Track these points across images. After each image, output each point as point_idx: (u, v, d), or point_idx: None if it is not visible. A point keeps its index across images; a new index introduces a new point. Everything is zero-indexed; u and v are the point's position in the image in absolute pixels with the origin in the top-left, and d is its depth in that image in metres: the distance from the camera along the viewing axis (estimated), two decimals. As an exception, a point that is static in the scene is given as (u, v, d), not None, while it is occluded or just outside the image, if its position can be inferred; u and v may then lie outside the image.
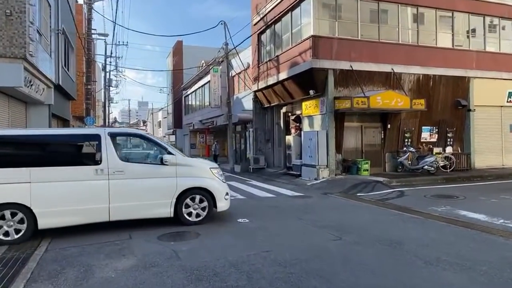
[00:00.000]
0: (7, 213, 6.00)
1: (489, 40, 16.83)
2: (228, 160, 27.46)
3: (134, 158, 7.58)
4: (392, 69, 14.62)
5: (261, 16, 18.03)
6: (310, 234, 6.47)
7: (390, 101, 13.41)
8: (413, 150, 14.84)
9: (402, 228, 6.90)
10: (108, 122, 51.67)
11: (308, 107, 15.15)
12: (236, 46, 19.48)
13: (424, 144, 15.68)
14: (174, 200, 6.97)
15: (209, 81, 27.59)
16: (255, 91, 19.59)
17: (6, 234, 6.02)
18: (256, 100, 19.78)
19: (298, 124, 16.87)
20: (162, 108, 58.58)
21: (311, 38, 13.69)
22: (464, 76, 16.01)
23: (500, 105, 16.92)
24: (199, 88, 32.40)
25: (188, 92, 37.27)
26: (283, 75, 15.92)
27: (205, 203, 7.24)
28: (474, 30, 16.73)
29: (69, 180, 6.34)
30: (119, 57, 47.25)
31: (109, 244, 6.00)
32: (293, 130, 17.23)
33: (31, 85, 12.03)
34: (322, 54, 13.70)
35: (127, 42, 72.96)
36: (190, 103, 37.65)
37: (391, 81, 14.75)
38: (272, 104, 18.47)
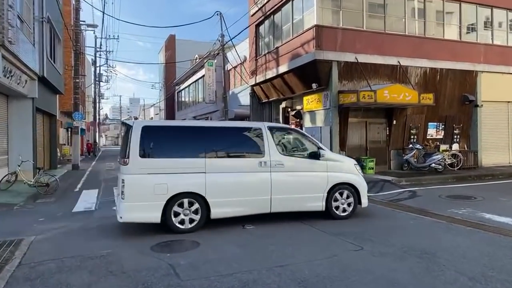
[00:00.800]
0: (186, 202, 6.15)
1: (497, 34, 16.18)
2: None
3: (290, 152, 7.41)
4: (399, 62, 13.88)
5: (259, 6, 17.16)
6: (325, 243, 5.66)
7: (397, 95, 12.66)
8: (420, 147, 14.15)
9: (428, 235, 6.12)
10: (99, 118, 50.39)
11: (310, 102, 14.35)
12: (233, 38, 18.66)
13: (430, 141, 14.98)
14: (326, 194, 7.07)
15: (203, 76, 26.67)
16: (252, 86, 18.75)
17: (182, 222, 6.16)
18: (253, 95, 18.95)
19: (298, 120, 16.07)
20: (154, 104, 57.42)
21: (314, 28, 12.88)
22: (471, 70, 15.34)
23: (508, 100, 16.31)
24: (192, 83, 31.45)
25: (181, 88, 36.28)
26: (283, 68, 15.09)
27: (351, 199, 7.25)
28: (481, 23, 16.05)
29: (237, 172, 6.49)
30: (109, 51, 45.79)
31: (94, 256, 5.13)
32: (293, 126, 16.41)
33: (11, 75, 11.04)
34: (326, 45, 12.89)
35: (117, 35, 71.26)
36: (183, 98, 36.67)
37: (397, 74, 14.01)
38: (270, 99, 17.64)
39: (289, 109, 16.83)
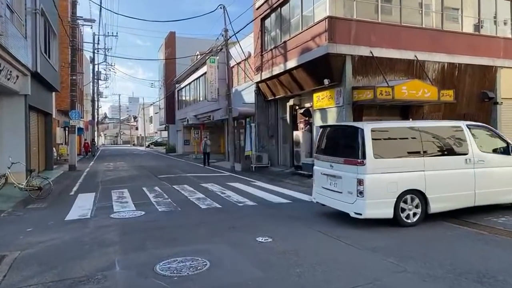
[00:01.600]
0: (409, 198, 6.53)
1: (517, 27, 15.31)
2: (225, 157, 25.80)
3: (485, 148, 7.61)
4: (415, 56, 13.01)
5: (265, -2, 16.27)
6: (360, 262, 4.80)
7: (416, 92, 11.80)
8: (438, 147, 13.28)
9: (475, 250, 5.27)
10: (98, 117, 49.51)
11: (321, 99, 13.48)
12: (237, 32, 17.79)
13: (448, 141, 14.12)
14: None
15: (205, 73, 25.78)
16: (257, 82, 17.87)
17: (407, 217, 6.53)
18: (258, 92, 18.06)
19: (307, 118, 15.21)
20: (153, 103, 56.49)
21: (326, 20, 12.00)
22: (491, 65, 14.47)
23: (528, 98, 15.43)
24: (194, 80, 30.55)
25: (182, 86, 35.38)
26: (291, 63, 14.21)
27: None
28: (501, 15, 15.18)
29: (448, 169, 6.85)
30: (108, 49, 44.86)
31: (87, 279, 4.27)
32: (301, 125, 15.57)
33: (0, 70, 10.15)
34: (339, 38, 12.02)
35: (116, 33, 70.17)
36: (183, 97, 35.77)
37: (414, 69, 13.14)
38: (277, 97, 16.76)
39: (297, 107, 15.95)
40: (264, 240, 5.77)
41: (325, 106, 13.28)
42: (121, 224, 7.02)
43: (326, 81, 12.45)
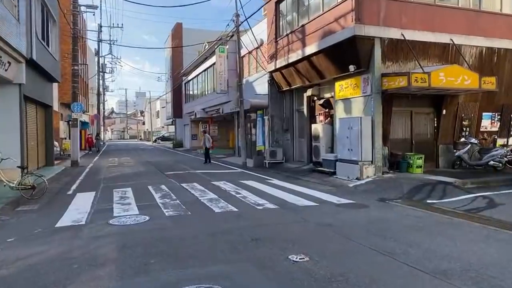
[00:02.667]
0: None
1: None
2: (234, 153, 24.58)
3: None
4: (451, 39, 11.61)
5: (281, -21, 14.93)
6: (436, 295, 3.55)
7: (455, 79, 10.45)
8: (475, 142, 11.95)
9: None
10: (104, 111, 48.56)
11: (344, 88, 12.16)
12: (250, 17, 16.47)
13: (485, 134, 12.76)
14: None
15: (213, 64, 24.51)
16: (271, 72, 16.58)
17: None
18: (272, 82, 16.77)
19: (327, 110, 13.91)
20: (160, 97, 55.41)
21: (353, -3, 10.65)
22: (533, 50, 13.01)
23: None
24: (202, 72, 29.29)
25: (189, 78, 34.15)
26: (310, 49, 12.89)
27: None
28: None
29: None
30: (113, 41, 43.69)
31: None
32: (321, 117, 14.28)
33: (-14, 54, 8.98)
34: (368, 19, 10.68)
35: (122, 24, 69.20)
36: (191, 90, 34.55)
37: (449, 54, 11.76)
38: (292, 87, 15.46)
39: (316, 98, 14.64)
40: (300, 259, 4.53)
41: (349, 96, 11.96)
42: (121, 234, 5.84)
43: (351, 68, 11.13)
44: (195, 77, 31.87)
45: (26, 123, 13.52)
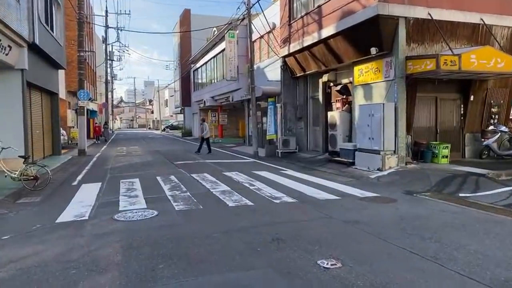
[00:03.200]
0: None
1: None
2: (244, 142, 23.96)
3: None
4: (482, 19, 10.73)
5: (295, -43, 14.06)
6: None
7: (487, 62, 9.62)
8: (505, 130, 11.15)
9: None
10: (112, 100, 48.14)
11: (364, 73, 11.39)
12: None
13: (516, 122, 11.94)
14: None
15: (223, 50, 23.79)
16: (284, 57, 15.81)
17: None
18: (285, 68, 16.02)
19: (345, 97, 13.15)
20: (168, 85, 54.82)
21: (376, -27, 9.82)
22: None
23: None
24: (210, 59, 28.56)
25: (198, 66, 33.45)
26: (327, 31, 12.09)
27: None
28: None
29: None
30: (121, 28, 43.01)
31: None
32: (338, 104, 13.52)
33: (-18, 36, 8.41)
34: (392, -4, 9.86)
35: (129, 11, 68.35)
36: (200, 77, 33.87)
37: (479, 35, 10.90)
38: (307, 72, 14.69)
39: (332, 84, 13.88)
40: (331, 265, 3.90)
41: (370, 81, 11.19)
42: (126, 231, 5.27)
43: (373, 50, 10.34)
44: (203, 64, 31.16)
45: (31, 111, 13.04)
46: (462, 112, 11.55)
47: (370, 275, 3.63)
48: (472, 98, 11.30)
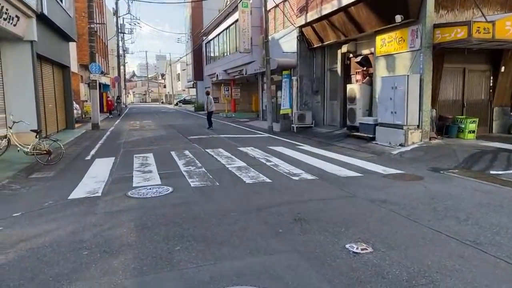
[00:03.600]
0: None
1: None
2: (258, 117, 23.53)
3: None
4: (518, -18, 9.88)
5: None
6: None
7: (524, 29, 8.87)
8: (537, 104, 10.47)
9: None
10: (125, 73, 47.82)
11: (387, 43, 10.74)
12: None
13: (548, 95, 11.21)
14: None
15: (236, 21, 23.01)
16: (300, 27, 15.11)
17: None
18: (302, 38, 15.35)
19: (365, 69, 12.53)
20: (180, 58, 54.10)
21: None
22: None
23: None
24: (223, 31, 27.75)
25: (210, 38, 32.64)
26: (348, -2, 11.36)
27: None
28: None
29: None
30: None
31: None
32: (358, 77, 12.92)
33: (-11, 4, 8.06)
34: (421, -43, 9.08)
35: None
36: (212, 50, 33.12)
37: (513, 1, 10.07)
38: (325, 43, 14.02)
39: (352, 55, 13.22)
40: (361, 249, 3.58)
41: (393, 51, 10.55)
42: (140, 209, 5.04)
43: (398, 18, 9.66)
44: (216, 36, 30.36)
45: (42, 84, 12.84)
46: (491, 84, 10.87)
47: (405, 262, 3.31)
48: (503, 69, 10.59)
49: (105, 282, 3.04)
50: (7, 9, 9.09)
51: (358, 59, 12.66)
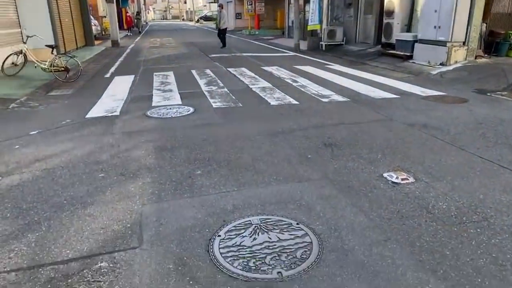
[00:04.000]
0: None
1: None
2: (283, 34, 22.12)
3: None
4: None
5: None
6: None
7: None
8: None
9: None
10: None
11: None
12: None
13: None
14: None
15: None
16: None
17: None
18: None
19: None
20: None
21: None
22: None
23: None
24: None
25: None
26: None
27: None
28: None
29: None
30: None
31: (78, 270, 2.11)
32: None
33: None
34: None
35: None
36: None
37: None
38: None
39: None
40: (402, 179, 3.21)
41: (444, -47, 9.05)
42: (160, 130, 4.75)
43: None
44: None
45: (56, -4, 12.10)
46: (556, -6, 9.39)
47: (453, 195, 2.93)
48: None
49: (120, 207, 2.84)
50: None
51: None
